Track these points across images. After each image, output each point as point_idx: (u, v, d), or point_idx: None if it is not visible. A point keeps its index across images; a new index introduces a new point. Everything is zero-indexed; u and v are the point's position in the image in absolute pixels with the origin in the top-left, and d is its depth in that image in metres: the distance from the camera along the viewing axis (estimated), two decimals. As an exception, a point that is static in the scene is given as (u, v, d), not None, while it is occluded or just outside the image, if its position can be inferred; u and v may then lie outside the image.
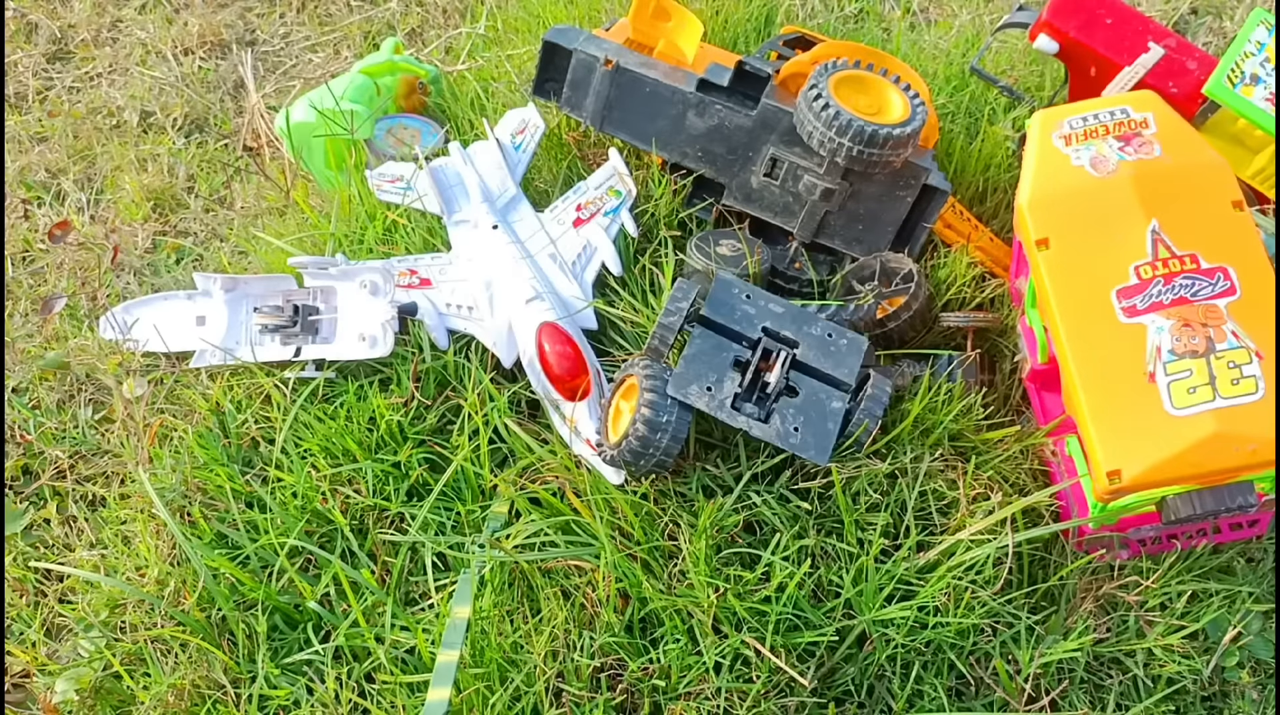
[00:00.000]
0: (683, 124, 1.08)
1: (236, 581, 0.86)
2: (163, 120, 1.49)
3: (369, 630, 0.82)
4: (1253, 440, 0.78)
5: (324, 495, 0.90)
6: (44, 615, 0.93)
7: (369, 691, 0.81)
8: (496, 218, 1.09)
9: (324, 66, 1.57)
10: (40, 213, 1.37)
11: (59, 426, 1.08)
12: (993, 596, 0.81)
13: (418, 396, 0.97)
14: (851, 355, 0.88)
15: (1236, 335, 0.82)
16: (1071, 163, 0.92)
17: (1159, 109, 0.93)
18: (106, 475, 1.04)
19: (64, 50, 1.64)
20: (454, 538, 0.88)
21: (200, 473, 0.95)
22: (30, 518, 1.01)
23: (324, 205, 1.24)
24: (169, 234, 1.33)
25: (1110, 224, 0.88)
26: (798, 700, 0.78)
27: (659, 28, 1.15)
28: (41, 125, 1.50)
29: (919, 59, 1.33)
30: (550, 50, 1.15)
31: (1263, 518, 0.86)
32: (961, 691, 0.81)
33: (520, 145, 1.18)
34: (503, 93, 1.32)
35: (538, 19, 1.45)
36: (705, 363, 0.84)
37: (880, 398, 0.86)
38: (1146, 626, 0.84)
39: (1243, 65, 1.01)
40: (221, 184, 1.40)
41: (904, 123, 0.95)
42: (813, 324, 0.89)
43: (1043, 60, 1.30)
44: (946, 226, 1.10)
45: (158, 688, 0.82)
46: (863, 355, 0.88)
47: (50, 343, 1.18)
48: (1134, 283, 0.85)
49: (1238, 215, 0.87)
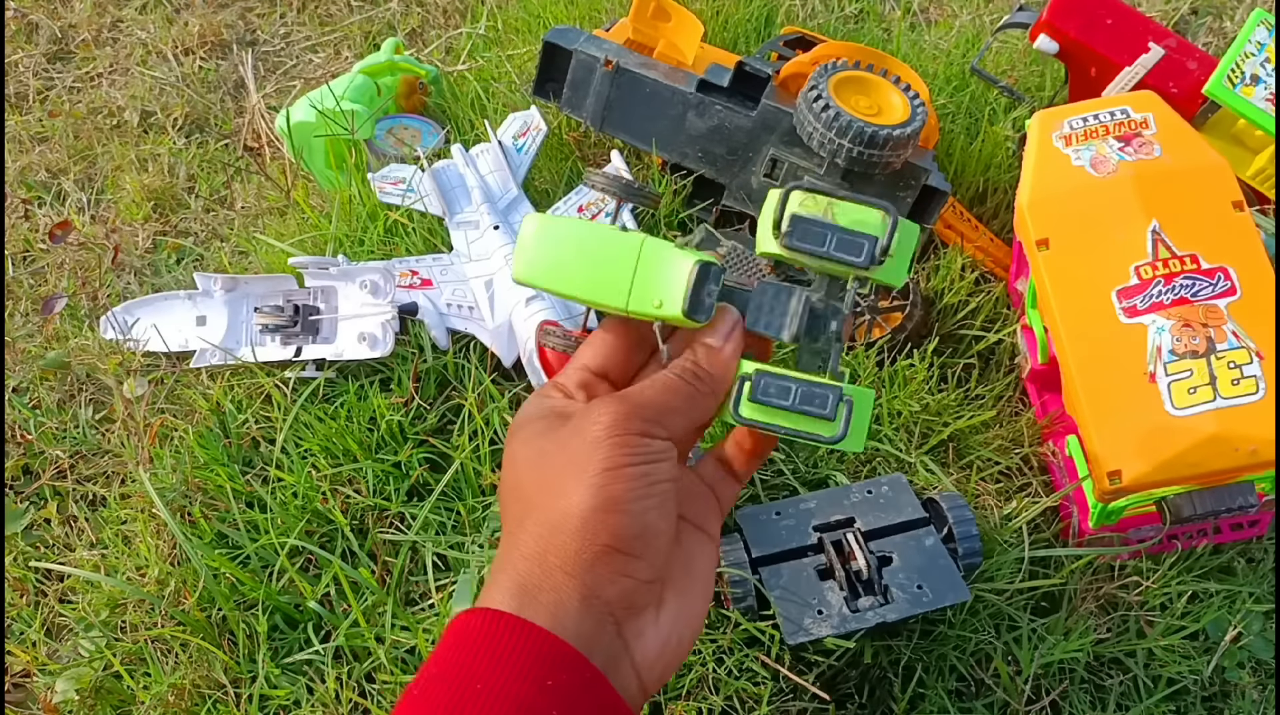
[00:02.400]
0: (683, 125, 1.08)
1: (237, 581, 0.86)
2: (163, 120, 1.49)
3: (369, 630, 0.81)
4: (1253, 441, 0.78)
5: (324, 495, 0.90)
6: (44, 615, 0.93)
7: (369, 691, 0.81)
8: (497, 218, 1.09)
9: (324, 66, 1.57)
10: (41, 213, 1.37)
11: (59, 426, 1.08)
12: (996, 594, 0.81)
13: (417, 397, 0.97)
14: (902, 493, 0.83)
15: (1237, 335, 0.82)
16: (1072, 163, 0.92)
17: (1159, 109, 0.93)
18: (107, 475, 1.04)
19: (64, 50, 1.64)
20: (454, 537, 0.88)
21: (201, 472, 0.95)
22: (30, 517, 1.01)
23: (324, 205, 1.24)
24: (169, 234, 1.33)
25: (1110, 224, 0.88)
26: (799, 705, 0.78)
27: (659, 28, 1.15)
28: (42, 125, 1.50)
29: (919, 59, 1.33)
30: (550, 51, 1.15)
31: (1263, 518, 0.86)
32: (962, 692, 0.81)
33: (522, 147, 1.19)
34: (503, 93, 1.32)
35: (538, 19, 1.45)
36: (796, 594, 0.77)
37: (968, 526, 0.81)
38: (1147, 627, 0.84)
39: (1243, 65, 1.01)
40: (222, 184, 1.40)
41: (904, 124, 0.96)
42: (847, 495, 0.84)
43: (1043, 60, 1.30)
44: (947, 227, 1.10)
45: (158, 687, 0.82)
46: (908, 488, 0.84)
47: (51, 342, 1.18)
48: (1134, 283, 0.85)
49: (1238, 216, 0.87)
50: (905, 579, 0.77)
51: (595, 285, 0.47)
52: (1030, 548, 0.84)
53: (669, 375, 0.47)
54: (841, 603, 0.76)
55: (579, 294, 0.47)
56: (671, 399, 0.46)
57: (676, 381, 0.46)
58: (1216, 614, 0.84)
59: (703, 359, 0.48)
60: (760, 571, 0.79)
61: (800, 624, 0.75)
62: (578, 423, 0.45)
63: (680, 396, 0.46)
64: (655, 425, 0.44)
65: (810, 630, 0.75)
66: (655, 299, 0.46)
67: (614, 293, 0.46)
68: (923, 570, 0.78)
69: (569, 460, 0.43)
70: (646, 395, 0.46)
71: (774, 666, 0.77)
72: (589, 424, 0.44)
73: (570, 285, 0.47)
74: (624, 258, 0.46)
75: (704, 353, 0.48)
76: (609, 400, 0.45)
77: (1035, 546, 0.85)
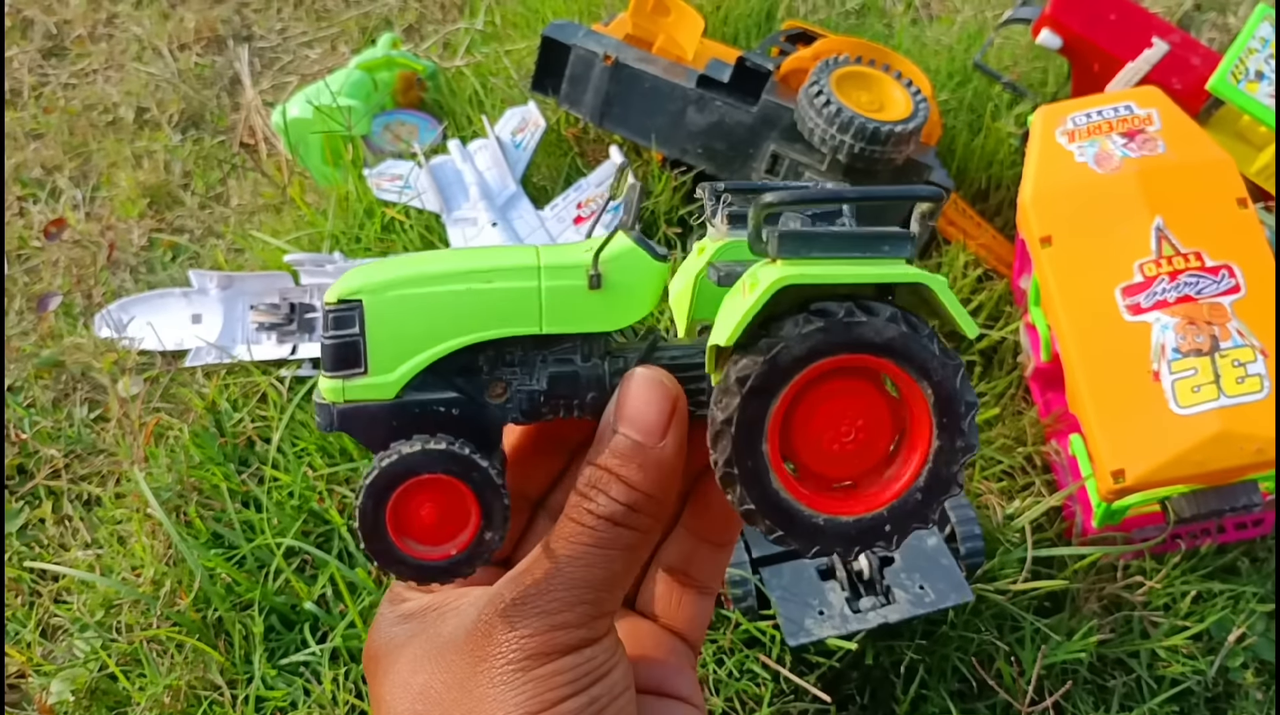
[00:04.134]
0: (683, 120, 1.07)
1: (232, 582, 0.86)
2: (158, 116, 1.48)
3: (366, 631, 0.81)
4: (1257, 439, 0.78)
5: (320, 494, 0.89)
6: (39, 615, 0.92)
7: (365, 693, 0.80)
8: (495, 215, 1.09)
9: (321, 62, 1.56)
10: (35, 209, 1.36)
11: (54, 425, 1.07)
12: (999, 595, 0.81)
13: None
14: None
15: (1241, 333, 0.81)
16: (1075, 159, 0.91)
17: (1163, 105, 0.92)
18: (102, 474, 1.03)
19: (59, 46, 1.63)
20: (452, 538, 0.87)
21: (196, 472, 0.94)
22: (25, 517, 1.00)
23: (321, 202, 1.23)
24: (165, 231, 1.32)
25: (1114, 221, 0.87)
26: (800, 706, 0.77)
27: (658, 23, 1.14)
28: (37, 122, 1.49)
29: (921, 54, 1.32)
30: (549, 46, 1.14)
31: (1267, 517, 0.85)
32: (964, 694, 0.80)
33: (521, 143, 1.18)
34: (501, 88, 1.31)
35: (536, 14, 1.44)
36: (797, 595, 0.76)
37: (970, 526, 0.80)
38: (1151, 627, 0.84)
39: (1247, 61, 1.00)
40: (218, 180, 1.39)
41: (906, 119, 0.95)
42: None
43: (1046, 56, 1.29)
44: (949, 223, 1.09)
45: (153, 689, 0.82)
46: None
47: (45, 341, 1.17)
48: (1138, 280, 0.84)
49: (1242, 212, 0.87)
50: (907, 579, 0.77)
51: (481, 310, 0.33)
52: (1033, 547, 0.83)
53: (582, 527, 0.31)
54: (843, 603, 0.76)
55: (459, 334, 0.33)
56: (598, 569, 0.31)
57: (597, 535, 0.31)
58: (1221, 614, 0.83)
59: (626, 472, 0.31)
60: (761, 571, 0.78)
61: (801, 624, 0.75)
62: (472, 642, 0.31)
63: (611, 559, 0.31)
64: (587, 621, 0.30)
65: (811, 631, 0.74)
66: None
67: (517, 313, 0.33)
68: (925, 570, 0.77)
69: (472, 708, 0.30)
70: (565, 575, 0.30)
71: (775, 667, 0.76)
72: (490, 647, 0.30)
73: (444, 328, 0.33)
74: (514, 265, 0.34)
75: (622, 458, 0.31)
76: (506, 605, 0.30)
77: (1038, 546, 0.84)
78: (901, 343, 0.31)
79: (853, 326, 0.31)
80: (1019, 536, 0.85)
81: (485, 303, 0.33)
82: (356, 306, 0.33)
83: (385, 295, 0.33)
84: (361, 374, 0.33)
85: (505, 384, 0.34)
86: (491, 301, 0.33)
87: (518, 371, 0.34)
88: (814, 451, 0.32)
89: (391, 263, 0.35)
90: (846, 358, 0.31)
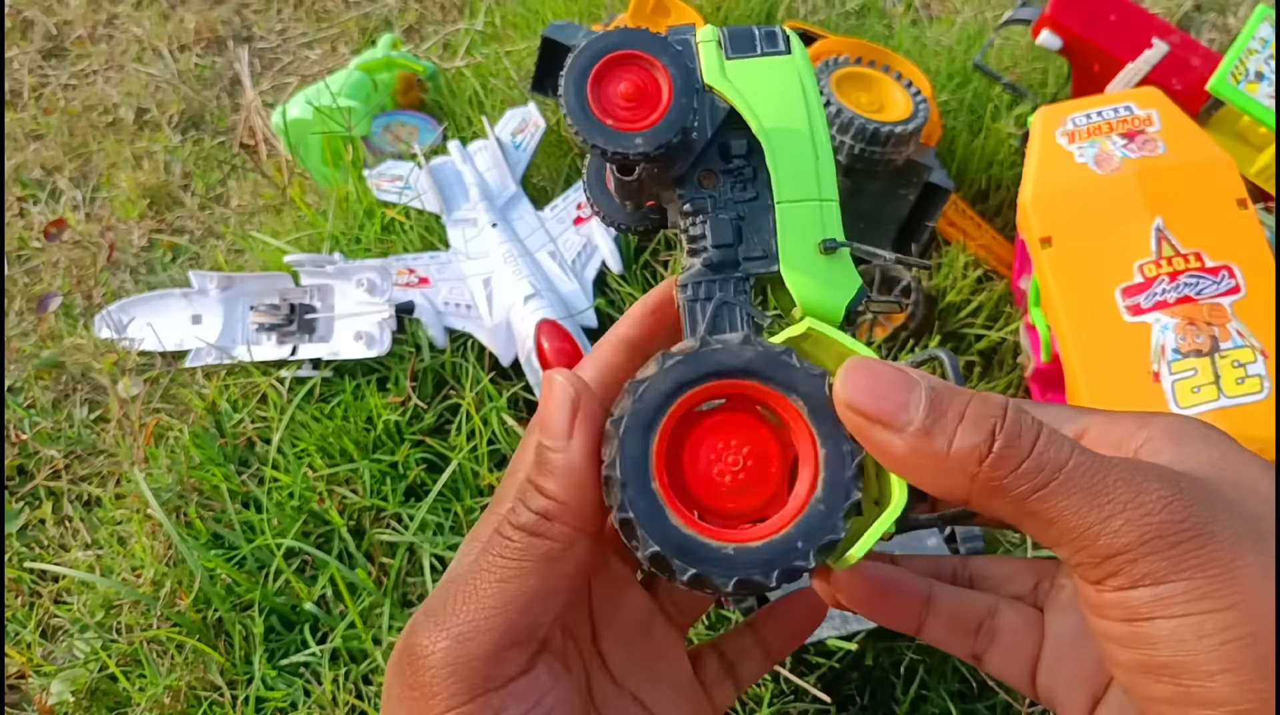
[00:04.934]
0: (683, 121, 1.07)
1: (233, 582, 0.86)
2: (158, 117, 1.48)
3: (366, 632, 0.81)
4: (1258, 440, 0.78)
5: (321, 495, 0.89)
6: (39, 616, 0.92)
7: (366, 693, 0.80)
8: (495, 216, 1.09)
9: (321, 63, 1.56)
10: (35, 210, 1.36)
11: (54, 426, 1.07)
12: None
13: (414, 396, 0.96)
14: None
15: (1241, 334, 0.81)
16: (1075, 160, 0.91)
17: (1163, 106, 0.92)
18: (102, 475, 1.03)
19: (59, 47, 1.63)
20: (452, 538, 0.87)
21: (196, 472, 0.94)
22: (25, 518, 1.00)
23: (321, 203, 1.23)
24: (165, 232, 1.32)
25: (1114, 221, 0.87)
26: (800, 707, 0.77)
27: (658, 23, 1.14)
28: (37, 122, 1.49)
29: (921, 55, 1.32)
30: (549, 46, 1.14)
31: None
32: (965, 694, 0.80)
33: (521, 144, 1.18)
34: (501, 89, 1.31)
35: (536, 15, 1.44)
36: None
37: (971, 529, 0.80)
38: (1150, 628, 0.84)
39: (1247, 62, 1.00)
40: (218, 181, 1.39)
41: (906, 120, 0.95)
42: None
43: (1046, 57, 1.29)
44: (949, 224, 1.09)
45: (153, 689, 0.82)
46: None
47: (45, 341, 1.18)
48: (1138, 281, 0.84)
49: (1242, 213, 0.87)
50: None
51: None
52: (1033, 547, 0.83)
53: (502, 539, 0.30)
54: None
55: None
56: (511, 584, 0.29)
57: (513, 546, 0.30)
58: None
59: (540, 479, 0.30)
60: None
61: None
62: (413, 680, 0.30)
63: (526, 571, 0.29)
64: (512, 649, 0.29)
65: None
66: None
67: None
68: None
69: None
70: (479, 592, 0.29)
71: (774, 668, 0.76)
72: (420, 681, 0.29)
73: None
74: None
75: (537, 465, 0.30)
76: (419, 619, 0.30)
77: (1038, 546, 0.84)
78: (760, 362, 0.32)
79: (710, 354, 0.32)
80: (1019, 537, 0.85)
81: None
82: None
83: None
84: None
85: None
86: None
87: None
88: (709, 489, 0.33)
89: None
90: (717, 387, 0.32)
